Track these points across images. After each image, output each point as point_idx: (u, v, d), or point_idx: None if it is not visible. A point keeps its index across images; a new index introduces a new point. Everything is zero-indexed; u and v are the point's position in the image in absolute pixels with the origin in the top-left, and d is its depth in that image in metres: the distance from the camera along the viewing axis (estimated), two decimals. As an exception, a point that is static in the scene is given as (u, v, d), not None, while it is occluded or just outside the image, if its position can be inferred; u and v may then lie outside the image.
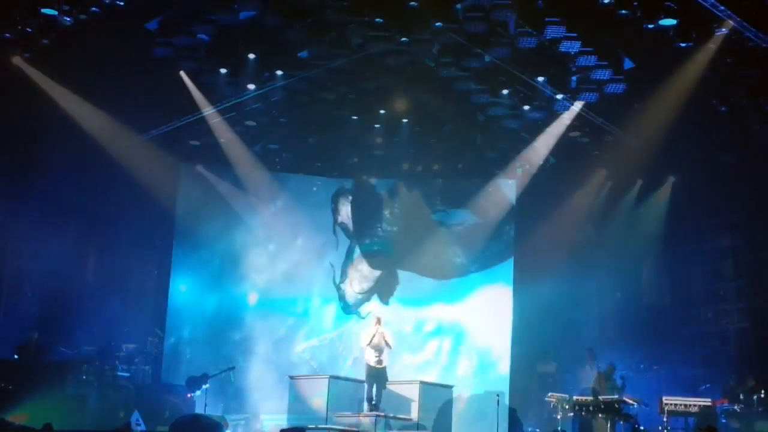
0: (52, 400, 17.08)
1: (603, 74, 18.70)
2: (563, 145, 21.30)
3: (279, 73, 19.58)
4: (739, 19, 16.80)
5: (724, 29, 17.04)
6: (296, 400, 18.26)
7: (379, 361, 18.04)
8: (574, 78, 18.99)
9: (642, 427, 17.79)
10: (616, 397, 18.15)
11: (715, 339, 20.77)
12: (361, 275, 23.23)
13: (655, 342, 21.36)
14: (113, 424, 16.96)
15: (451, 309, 22.81)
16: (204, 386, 19.15)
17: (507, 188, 22.77)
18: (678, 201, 21.49)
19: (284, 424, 17.42)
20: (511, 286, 22.51)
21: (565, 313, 21.69)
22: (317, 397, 17.98)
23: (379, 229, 23.37)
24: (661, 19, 16.80)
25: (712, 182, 20.96)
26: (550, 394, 18.61)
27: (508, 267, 22.75)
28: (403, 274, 23.18)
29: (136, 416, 17.40)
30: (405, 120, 21.94)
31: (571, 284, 21.66)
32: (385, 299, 23.02)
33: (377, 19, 17.72)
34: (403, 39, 18.06)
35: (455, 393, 19.84)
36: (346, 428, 17.34)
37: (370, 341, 18.19)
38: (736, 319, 20.61)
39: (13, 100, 19.84)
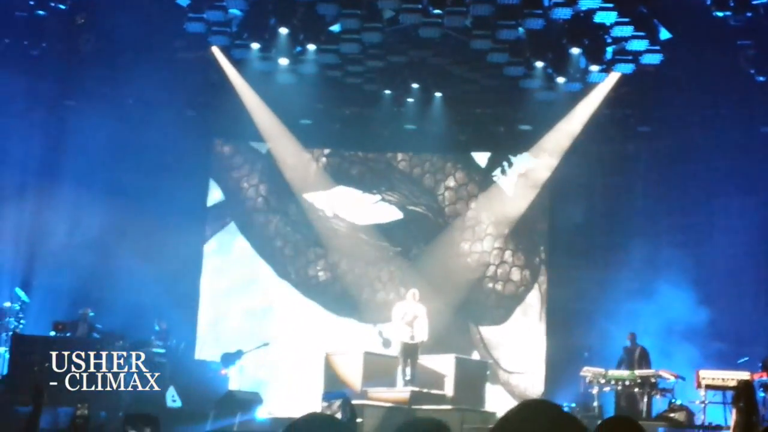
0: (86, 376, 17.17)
1: (639, 45, 18.47)
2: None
3: (311, 47, 19.47)
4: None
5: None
6: (331, 376, 18.26)
7: (412, 337, 17.98)
8: (609, 49, 18.74)
9: (679, 401, 17.67)
10: (652, 371, 18.01)
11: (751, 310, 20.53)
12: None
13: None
14: (149, 402, 17.03)
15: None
16: (238, 362, 19.20)
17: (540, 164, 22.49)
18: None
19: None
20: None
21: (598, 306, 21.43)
22: (352, 372, 17.95)
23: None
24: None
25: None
26: (585, 368, 18.48)
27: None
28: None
29: (172, 392, 17.48)
30: (438, 94, 21.81)
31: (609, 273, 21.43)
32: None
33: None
34: (436, 11, 17.88)
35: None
36: (381, 403, 17.31)
37: (403, 317, 18.11)
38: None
39: (48, 77, 20.00)
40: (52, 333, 18.28)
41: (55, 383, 16.89)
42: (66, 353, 16.67)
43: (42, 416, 15.58)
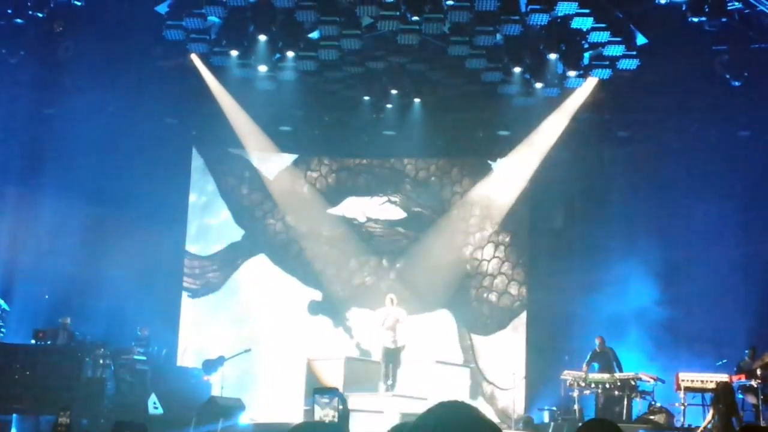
0: (69, 384, 17.17)
1: (616, 50, 18.62)
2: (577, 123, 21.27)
3: (290, 54, 19.54)
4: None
5: (737, 3, 16.99)
6: (313, 382, 18.26)
7: (394, 341, 18.02)
8: (586, 54, 18.89)
9: (659, 404, 17.78)
10: (632, 374, 18.14)
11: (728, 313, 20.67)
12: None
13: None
14: (130, 409, 17.01)
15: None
16: (220, 369, 19.20)
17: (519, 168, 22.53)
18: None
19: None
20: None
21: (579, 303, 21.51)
22: (333, 378, 17.96)
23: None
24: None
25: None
26: (565, 372, 18.59)
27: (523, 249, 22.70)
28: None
29: (153, 399, 17.47)
30: (417, 100, 21.90)
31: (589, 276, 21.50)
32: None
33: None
34: (414, 18, 17.97)
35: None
36: (362, 409, 17.34)
37: (383, 322, 18.16)
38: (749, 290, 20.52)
39: (26, 85, 19.96)
40: (33, 341, 18.21)
41: (36, 391, 16.93)
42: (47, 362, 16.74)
43: (23, 424, 15.64)
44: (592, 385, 18.28)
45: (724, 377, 17.37)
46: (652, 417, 17.61)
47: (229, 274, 22.76)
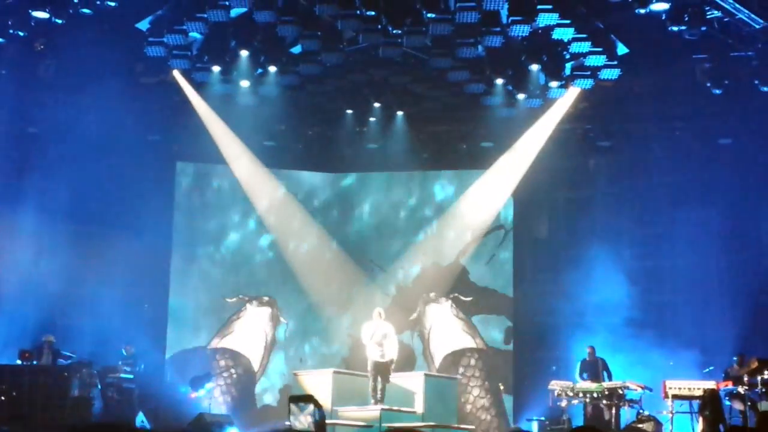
0: (56, 404, 17.09)
1: (597, 60, 18.69)
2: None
3: (272, 69, 19.55)
4: (731, 1, 16.84)
5: (716, 12, 17.09)
6: (300, 396, 18.21)
7: (382, 355, 18.00)
8: (568, 65, 18.96)
9: (647, 412, 17.81)
10: (620, 383, 18.18)
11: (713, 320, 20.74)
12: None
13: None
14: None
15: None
16: (208, 385, 19.14)
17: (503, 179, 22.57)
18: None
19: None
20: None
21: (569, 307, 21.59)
22: (321, 392, 17.92)
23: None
24: (653, 3, 16.82)
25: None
26: (553, 382, 18.61)
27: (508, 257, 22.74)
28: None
29: (141, 417, 17.39)
30: (399, 113, 21.95)
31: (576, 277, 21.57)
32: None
33: (368, 12, 17.69)
34: (396, 31, 17.99)
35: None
36: (351, 423, 17.32)
37: (372, 336, 18.13)
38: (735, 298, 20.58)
39: (8, 104, 19.91)
40: (19, 361, 18.12)
41: (23, 412, 16.84)
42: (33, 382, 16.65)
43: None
44: (580, 395, 18.30)
45: (711, 384, 17.43)
46: (640, 425, 17.60)
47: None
